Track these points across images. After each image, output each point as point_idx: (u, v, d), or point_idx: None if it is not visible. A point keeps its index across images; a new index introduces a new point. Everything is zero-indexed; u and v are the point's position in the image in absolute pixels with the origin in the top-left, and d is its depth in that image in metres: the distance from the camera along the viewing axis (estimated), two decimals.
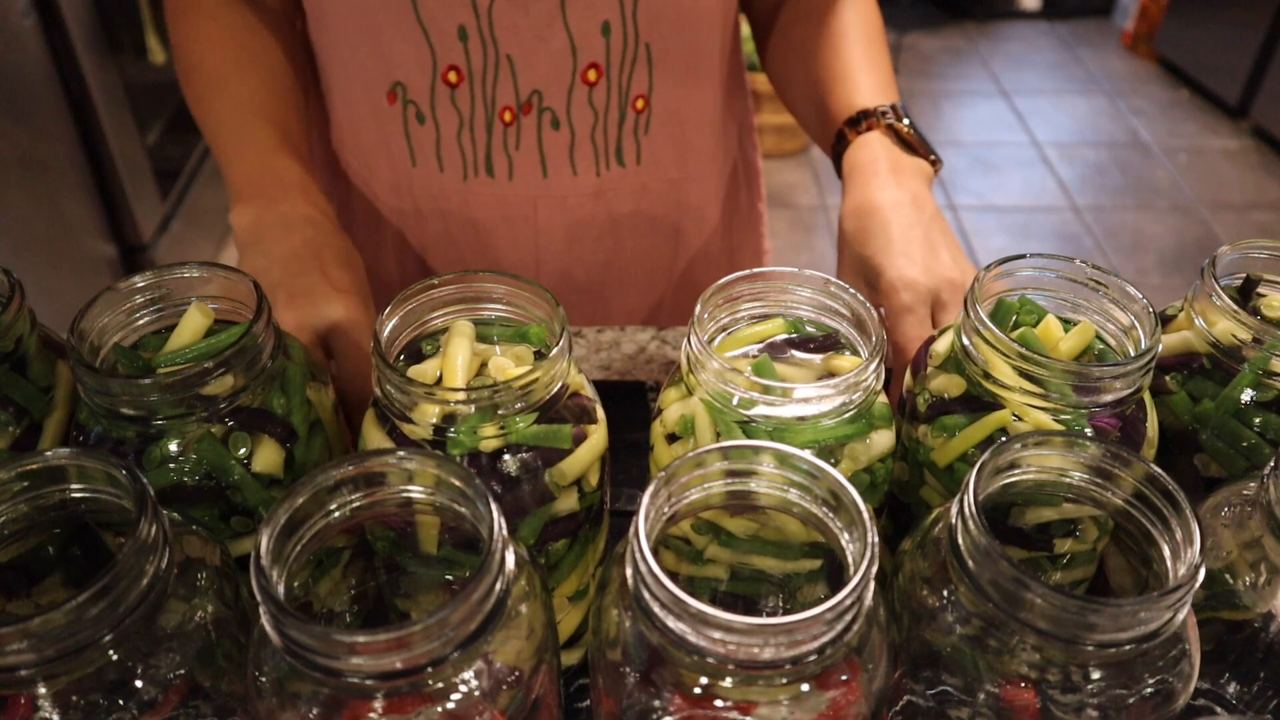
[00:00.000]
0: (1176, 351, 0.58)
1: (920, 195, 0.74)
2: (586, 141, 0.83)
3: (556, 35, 0.76)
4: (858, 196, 0.74)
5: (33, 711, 0.39)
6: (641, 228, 0.91)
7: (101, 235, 2.25)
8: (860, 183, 0.75)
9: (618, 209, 0.88)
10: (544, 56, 0.77)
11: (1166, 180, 3.28)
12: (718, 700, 0.38)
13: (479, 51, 0.76)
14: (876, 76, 0.82)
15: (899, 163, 0.76)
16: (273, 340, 0.51)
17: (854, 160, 0.77)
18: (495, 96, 0.79)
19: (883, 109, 0.79)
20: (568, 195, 0.85)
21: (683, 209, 0.92)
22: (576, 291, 0.93)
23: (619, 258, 0.92)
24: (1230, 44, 3.50)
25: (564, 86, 0.79)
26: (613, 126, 0.82)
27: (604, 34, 0.77)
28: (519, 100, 0.79)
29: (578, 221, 0.88)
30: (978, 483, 0.42)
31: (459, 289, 0.52)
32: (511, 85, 0.78)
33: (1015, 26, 4.31)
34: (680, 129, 0.86)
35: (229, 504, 0.50)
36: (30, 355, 0.53)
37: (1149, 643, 0.39)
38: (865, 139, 0.78)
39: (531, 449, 0.49)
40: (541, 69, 0.78)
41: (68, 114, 2.07)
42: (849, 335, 0.54)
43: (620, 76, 0.80)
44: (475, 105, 0.79)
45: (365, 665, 0.35)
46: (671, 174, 0.89)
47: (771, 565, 0.51)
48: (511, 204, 0.85)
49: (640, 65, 0.80)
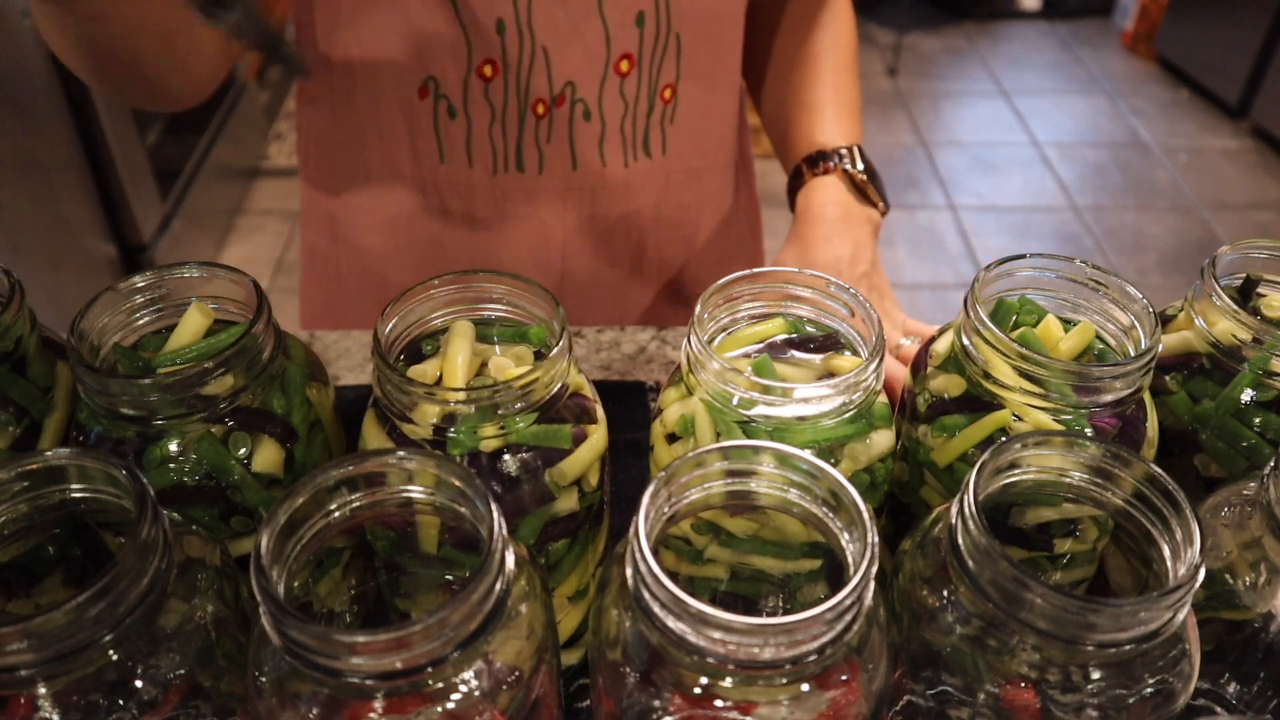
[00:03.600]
0: (1176, 351, 0.58)
1: (861, 247, 0.80)
2: (616, 132, 0.84)
3: (592, 26, 0.78)
4: (798, 250, 0.80)
5: (33, 711, 0.39)
6: (664, 219, 0.93)
7: (101, 235, 2.25)
8: (804, 231, 0.81)
9: (642, 201, 0.90)
10: (579, 48, 0.78)
11: (1166, 180, 3.28)
12: (718, 700, 0.38)
13: (515, 44, 0.77)
14: (841, 112, 0.88)
15: (848, 212, 0.81)
16: (273, 340, 0.51)
17: (805, 204, 0.83)
18: (529, 89, 0.80)
19: (842, 150, 0.84)
20: (596, 187, 0.87)
21: (702, 198, 0.95)
22: (599, 287, 0.95)
23: (640, 250, 0.94)
24: (1230, 44, 3.50)
25: (597, 77, 0.80)
26: (641, 116, 0.84)
27: (638, 24, 0.78)
28: (552, 93, 0.80)
29: (602, 214, 0.89)
30: (978, 483, 0.42)
31: (459, 289, 0.52)
32: (546, 77, 0.79)
33: (1015, 26, 4.31)
34: (703, 119, 0.89)
35: (229, 504, 0.50)
36: (30, 355, 0.53)
37: (1149, 643, 0.39)
38: (820, 182, 0.83)
39: (531, 449, 0.49)
40: (576, 60, 0.79)
41: (68, 114, 2.07)
42: (849, 335, 0.54)
43: (651, 67, 0.82)
44: (509, 99, 0.80)
45: (365, 665, 0.35)
46: (693, 163, 0.91)
47: (771, 565, 0.51)
48: (539, 197, 0.86)
49: (670, 55, 0.82)
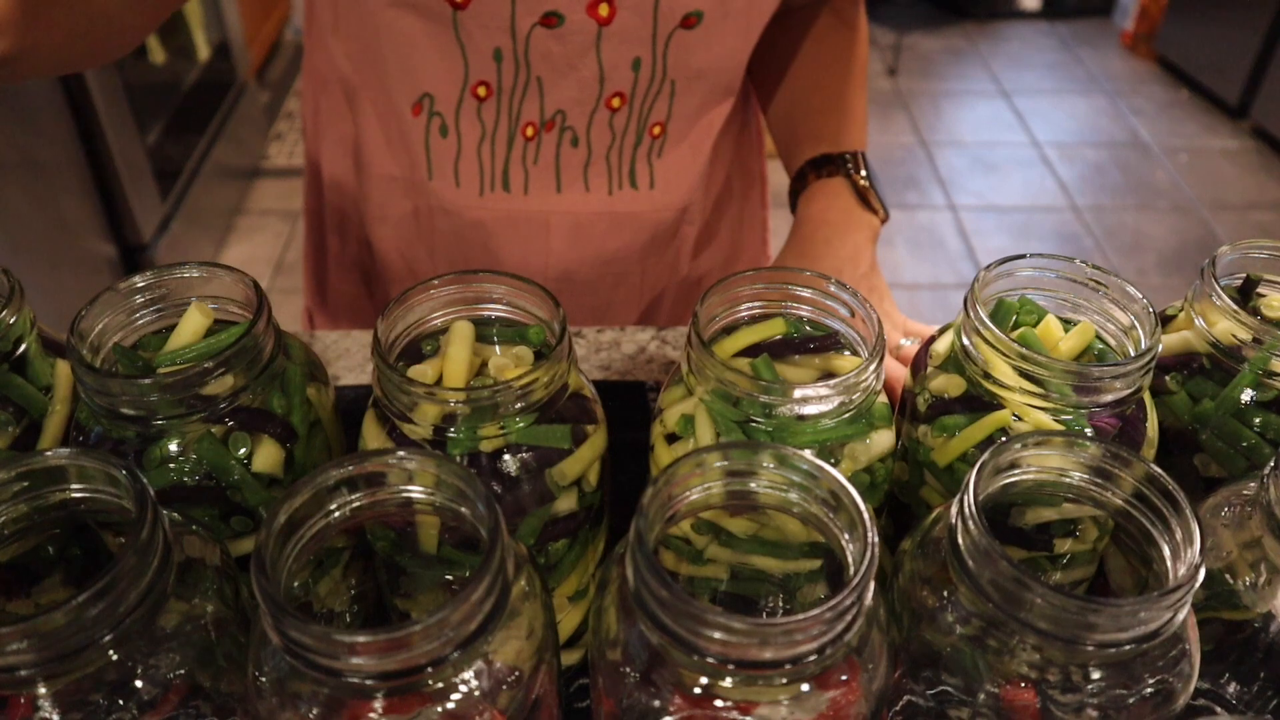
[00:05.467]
0: (1176, 351, 0.58)
1: (860, 251, 0.79)
2: (601, 160, 0.85)
3: (588, 65, 0.78)
4: (798, 252, 0.80)
5: (33, 711, 0.39)
6: (650, 245, 0.92)
7: (101, 235, 2.25)
8: (806, 234, 0.81)
9: (626, 226, 0.90)
10: (572, 81, 0.79)
11: (1166, 180, 3.28)
12: (718, 700, 0.38)
13: (510, 72, 0.78)
14: (849, 119, 0.87)
15: (850, 216, 0.81)
16: (273, 340, 0.51)
17: (807, 209, 0.83)
18: (520, 113, 0.81)
19: (847, 156, 0.84)
20: (579, 211, 0.87)
21: (690, 229, 0.94)
22: (579, 291, 0.94)
23: (624, 278, 0.94)
24: (1230, 44, 3.50)
25: (587, 110, 0.81)
26: (628, 149, 0.84)
27: (634, 69, 0.79)
28: (543, 118, 0.81)
29: (588, 236, 0.89)
30: (978, 483, 0.42)
31: (459, 289, 0.52)
32: (538, 104, 0.80)
33: (1015, 26, 4.31)
34: (693, 153, 0.88)
35: (229, 504, 0.50)
36: (30, 355, 0.53)
37: (1149, 643, 0.39)
38: (824, 186, 0.83)
39: (531, 449, 0.49)
40: (569, 92, 0.80)
41: (68, 114, 2.07)
42: (849, 335, 0.54)
43: (642, 106, 0.82)
44: (500, 119, 0.81)
45: (365, 665, 0.35)
46: (681, 199, 0.90)
47: (771, 565, 0.51)
48: (523, 218, 0.87)
49: (663, 98, 0.82)
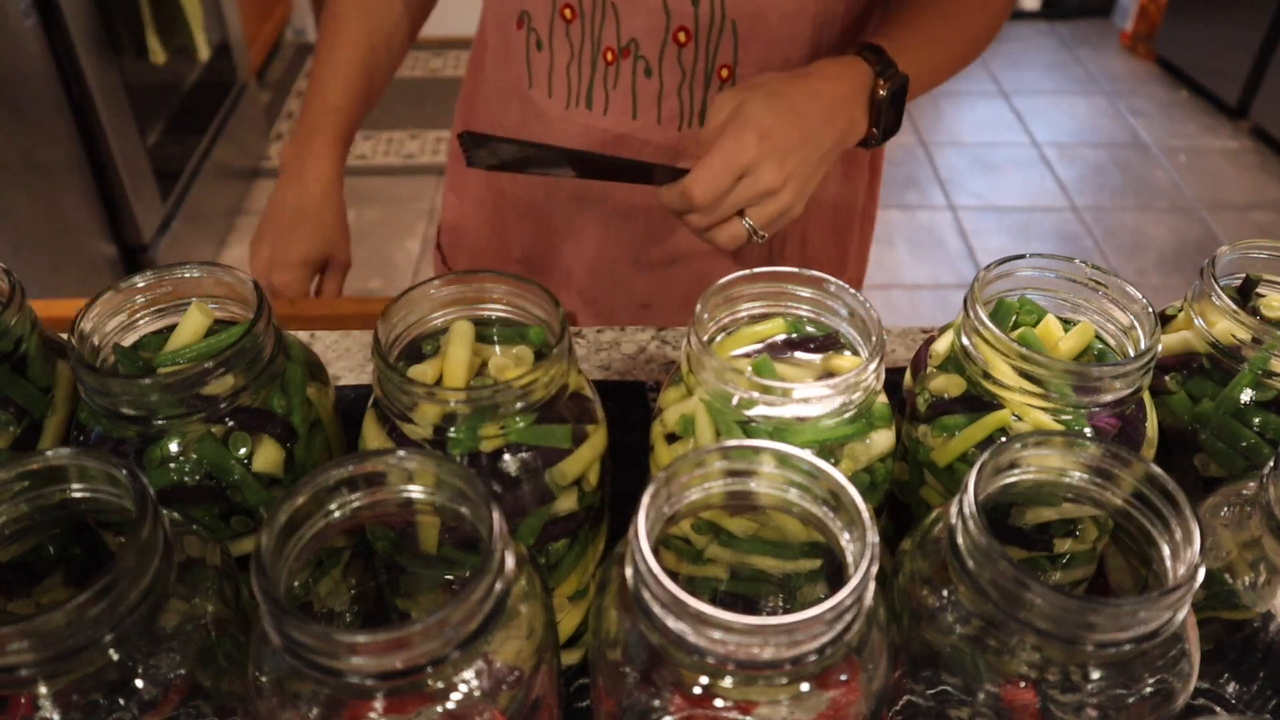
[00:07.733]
0: (1176, 351, 0.58)
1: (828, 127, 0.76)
2: (674, 94, 0.89)
3: None
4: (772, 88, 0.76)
5: (33, 711, 0.39)
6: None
7: (101, 235, 2.25)
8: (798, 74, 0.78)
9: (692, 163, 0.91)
10: (642, 10, 0.84)
11: (1166, 180, 3.28)
12: (718, 700, 0.38)
13: None
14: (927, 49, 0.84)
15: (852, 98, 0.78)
16: (273, 340, 0.51)
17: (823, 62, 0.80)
18: (601, 37, 0.87)
19: (888, 63, 0.80)
20: (650, 140, 0.91)
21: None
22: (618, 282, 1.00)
23: (672, 241, 0.98)
24: (1230, 44, 3.50)
25: (657, 41, 0.86)
26: (699, 88, 0.88)
27: (693, 4, 0.83)
28: (619, 44, 0.87)
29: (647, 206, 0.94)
30: (978, 483, 0.42)
31: (459, 289, 0.52)
32: (614, 30, 0.86)
33: (1015, 26, 4.31)
34: None
35: (229, 504, 0.50)
36: (30, 355, 0.53)
37: (1149, 643, 0.39)
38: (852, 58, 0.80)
39: (531, 449, 0.49)
40: (639, 20, 0.85)
41: (68, 114, 2.07)
42: (849, 335, 0.54)
43: (707, 45, 0.86)
44: (584, 41, 0.88)
45: (365, 665, 0.35)
46: None
47: (771, 565, 0.51)
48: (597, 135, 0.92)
49: (726, 38, 0.85)
